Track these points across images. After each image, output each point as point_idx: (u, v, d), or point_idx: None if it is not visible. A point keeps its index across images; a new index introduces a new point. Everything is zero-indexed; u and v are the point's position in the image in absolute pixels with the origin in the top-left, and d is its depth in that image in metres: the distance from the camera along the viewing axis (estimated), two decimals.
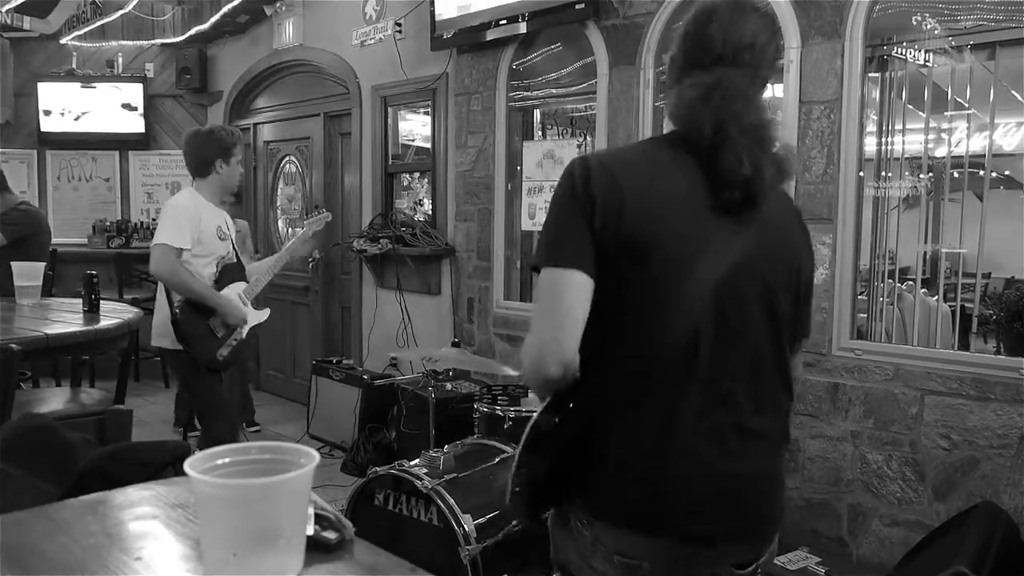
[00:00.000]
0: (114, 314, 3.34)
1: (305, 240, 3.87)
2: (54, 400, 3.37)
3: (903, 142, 3.53)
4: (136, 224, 6.88)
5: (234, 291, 3.54)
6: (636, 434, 1.36)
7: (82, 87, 6.79)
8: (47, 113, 6.76)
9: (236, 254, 3.63)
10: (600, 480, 1.38)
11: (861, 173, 3.30)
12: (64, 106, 6.78)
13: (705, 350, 1.34)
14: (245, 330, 3.56)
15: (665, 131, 1.50)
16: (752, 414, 1.40)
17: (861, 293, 3.43)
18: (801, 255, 1.51)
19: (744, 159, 1.32)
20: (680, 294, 1.33)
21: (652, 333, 1.34)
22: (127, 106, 6.84)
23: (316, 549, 1.02)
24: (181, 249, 3.33)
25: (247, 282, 3.64)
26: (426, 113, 5.23)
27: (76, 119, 6.81)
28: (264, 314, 3.75)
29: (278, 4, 6.02)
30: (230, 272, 3.54)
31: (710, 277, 1.34)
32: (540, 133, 4.88)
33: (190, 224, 3.37)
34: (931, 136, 3.44)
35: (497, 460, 2.95)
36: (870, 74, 3.33)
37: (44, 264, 3.98)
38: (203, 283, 3.40)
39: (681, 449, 1.34)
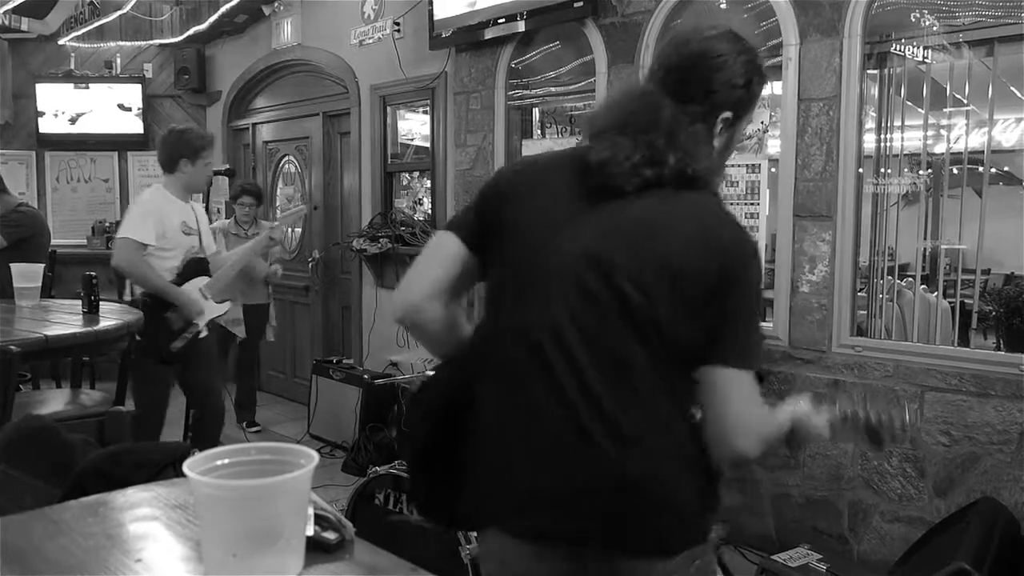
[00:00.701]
0: (113, 315, 3.34)
1: (274, 234, 3.88)
2: (54, 401, 3.37)
3: (902, 139, 3.52)
4: None
5: (195, 285, 3.62)
6: (479, 421, 1.40)
7: (80, 88, 6.79)
8: (45, 114, 6.76)
9: (203, 248, 3.70)
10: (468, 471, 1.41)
11: (860, 170, 3.30)
12: (63, 107, 6.78)
13: (551, 340, 1.32)
14: (202, 324, 3.62)
15: None
16: (613, 418, 1.29)
17: (861, 290, 3.43)
18: (677, 256, 1.31)
19: (604, 146, 1.35)
20: (532, 281, 1.35)
21: (504, 318, 1.39)
22: (125, 107, 6.83)
23: (316, 550, 1.02)
24: (144, 244, 3.44)
25: (210, 276, 3.70)
26: (425, 112, 5.23)
27: (74, 120, 6.81)
28: (224, 308, 3.79)
29: (276, 4, 6.02)
30: (194, 266, 3.63)
31: (558, 266, 1.33)
32: (539, 132, 4.88)
33: (154, 220, 3.48)
34: (930, 132, 3.44)
35: None
36: (869, 71, 3.33)
37: (43, 266, 3.98)
38: (161, 277, 3.50)
39: (518, 443, 1.34)
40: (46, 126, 6.77)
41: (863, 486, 3.24)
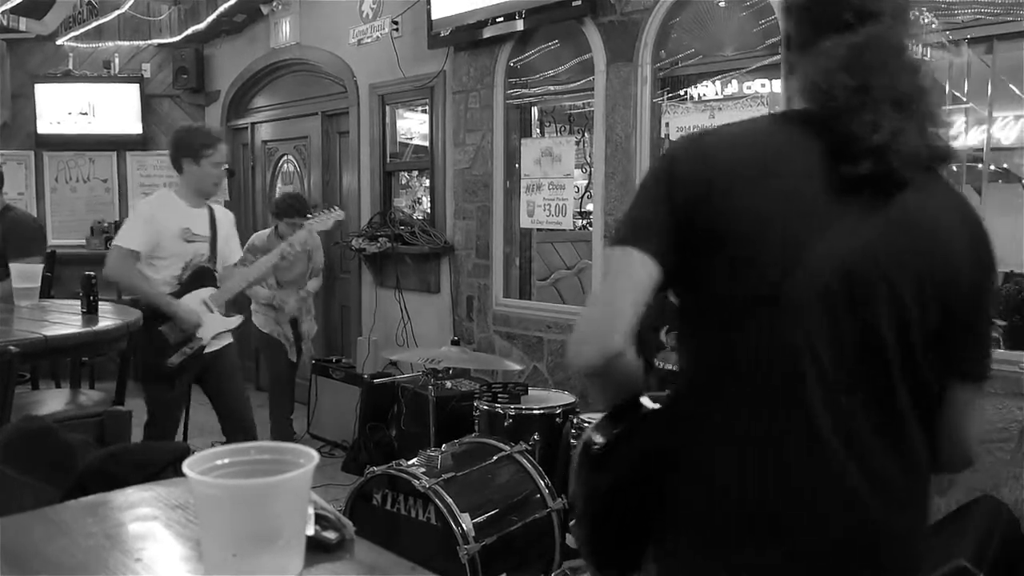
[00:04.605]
0: (113, 315, 3.33)
1: (285, 251, 3.58)
2: (53, 402, 3.36)
3: None
4: None
5: (198, 296, 3.42)
6: (728, 458, 1.14)
7: (79, 88, 6.78)
8: (44, 114, 6.75)
9: (213, 256, 3.48)
10: (681, 509, 1.18)
11: None
12: (61, 107, 6.77)
13: (813, 363, 1.09)
14: (207, 338, 3.43)
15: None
16: (876, 451, 1.12)
17: None
18: (956, 261, 1.15)
19: (882, 123, 1.08)
20: (782, 290, 1.10)
21: (747, 337, 1.12)
22: (124, 107, 6.83)
23: (316, 549, 1.02)
24: (135, 251, 3.30)
25: (216, 287, 3.49)
26: (424, 111, 5.23)
27: (73, 120, 6.80)
28: (232, 322, 3.57)
29: (274, 3, 6.02)
30: (198, 276, 3.43)
31: (821, 271, 1.09)
32: (538, 130, 4.89)
33: (146, 226, 3.33)
34: None
35: (495, 458, 2.95)
36: None
37: (42, 266, 3.97)
38: (154, 287, 3.33)
39: (777, 479, 1.12)
40: (44, 126, 6.76)
41: None
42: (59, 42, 6.70)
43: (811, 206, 1.11)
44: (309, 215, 3.94)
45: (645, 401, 1.24)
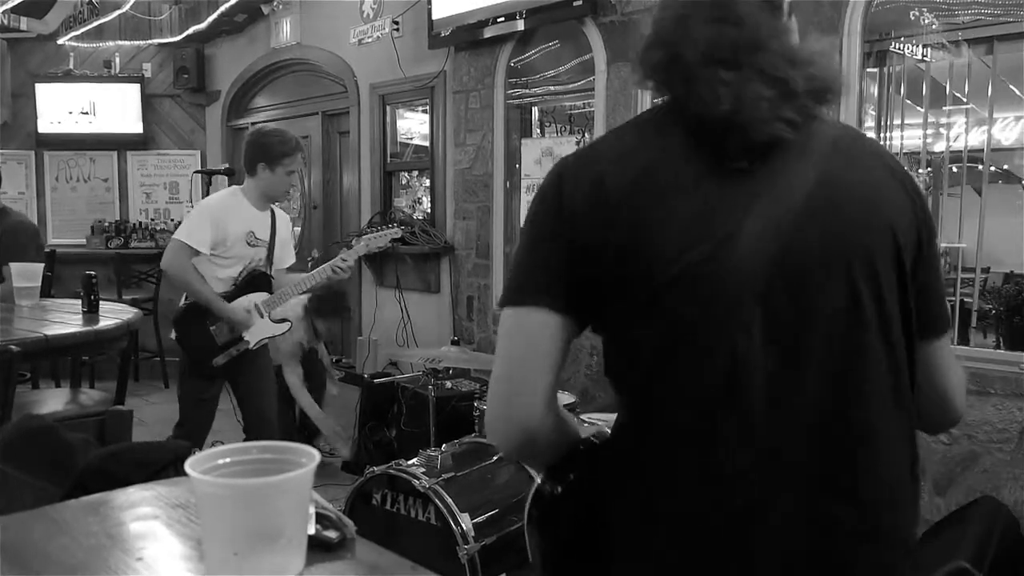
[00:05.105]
0: (113, 315, 3.33)
1: (340, 264, 3.53)
2: (54, 401, 3.36)
3: (902, 137, 3.53)
4: (135, 224, 6.87)
5: (251, 301, 3.43)
6: (657, 516, 1.01)
7: (79, 87, 6.78)
8: (45, 114, 6.76)
9: (272, 261, 3.49)
10: (658, 526, 1.02)
11: None
12: (62, 107, 6.78)
13: (754, 380, 0.96)
14: (253, 342, 3.44)
15: None
16: (841, 473, 0.99)
17: None
18: (898, 219, 1.02)
19: (717, 91, 0.95)
20: (705, 308, 0.96)
21: (678, 371, 0.98)
22: (124, 107, 6.83)
23: (317, 548, 1.02)
24: (196, 250, 3.28)
25: (270, 293, 3.49)
26: (424, 111, 5.23)
27: (74, 120, 6.80)
28: (281, 328, 3.57)
29: (275, 3, 6.02)
30: (253, 280, 3.44)
31: (752, 275, 0.96)
32: (539, 130, 4.88)
33: (212, 225, 3.30)
34: (929, 131, 3.45)
35: (495, 458, 2.95)
36: (868, 69, 3.33)
37: (43, 265, 3.97)
38: (209, 287, 3.33)
39: (722, 533, 0.98)
40: (45, 126, 6.77)
41: None
42: (60, 41, 6.70)
43: (718, 205, 0.97)
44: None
45: (590, 441, 1.15)
